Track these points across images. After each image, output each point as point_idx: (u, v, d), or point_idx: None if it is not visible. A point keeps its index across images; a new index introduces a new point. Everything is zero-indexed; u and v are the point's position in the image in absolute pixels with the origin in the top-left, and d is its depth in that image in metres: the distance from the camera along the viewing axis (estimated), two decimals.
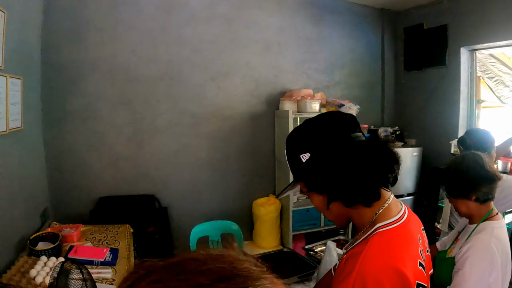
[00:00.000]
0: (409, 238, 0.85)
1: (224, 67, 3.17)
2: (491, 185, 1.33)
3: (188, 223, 2.86)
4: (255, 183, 3.40)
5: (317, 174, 0.87)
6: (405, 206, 0.92)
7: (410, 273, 0.77)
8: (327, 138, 0.86)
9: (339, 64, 3.79)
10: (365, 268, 0.76)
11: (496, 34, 3.15)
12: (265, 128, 3.43)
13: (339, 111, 0.95)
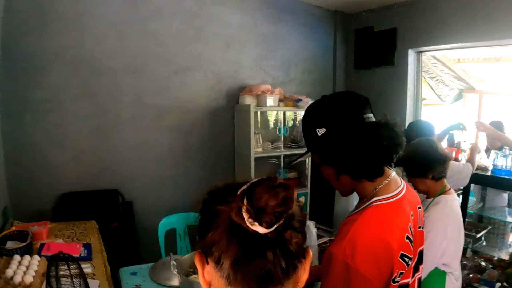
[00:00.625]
0: (400, 213, 1.03)
1: (187, 61, 3.47)
2: (444, 165, 1.80)
3: (153, 217, 3.13)
4: (216, 175, 3.76)
5: (330, 148, 1.04)
6: (404, 184, 1.11)
7: (395, 244, 0.96)
8: (343, 116, 1.03)
9: (294, 61, 4.28)
10: (357, 234, 0.95)
11: (440, 38, 3.84)
12: (225, 122, 3.79)
13: (354, 92, 1.13)
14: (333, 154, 1.05)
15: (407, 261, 1.01)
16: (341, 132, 1.02)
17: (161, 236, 2.72)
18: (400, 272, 1.00)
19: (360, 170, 1.04)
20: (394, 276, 0.98)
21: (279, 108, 3.77)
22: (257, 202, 0.54)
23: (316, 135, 1.05)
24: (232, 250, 0.56)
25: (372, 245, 0.95)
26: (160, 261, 2.12)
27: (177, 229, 2.85)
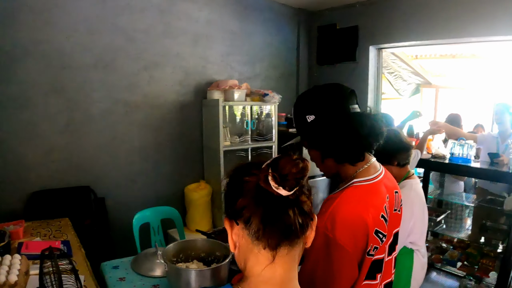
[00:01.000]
0: (377, 194, 1.18)
1: (156, 57, 3.67)
2: (408, 153, 2.05)
3: (125, 212, 3.34)
4: (185, 170, 4.00)
5: (318, 134, 1.21)
6: (383, 170, 1.28)
7: (370, 220, 1.10)
8: (330, 106, 1.20)
9: (259, 57, 4.58)
10: (336, 210, 1.10)
11: (400, 35, 4.28)
12: (193, 116, 4.03)
13: (342, 84, 1.30)
14: (320, 139, 1.22)
15: (381, 237, 1.16)
16: (328, 120, 1.19)
17: (136, 230, 2.84)
18: (374, 246, 1.15)
19: (343, 154, 1.20)
20: (369, 249, 1.13)
21: (247, 103, 4.05)
22: (282, 170, 0.72)
23: (306, 121, 1.22)
24: (260, 210, 0.73)
25: (350, 220, 1.09)
26: (142, 253, 2.22)
27: (151, 223, 2.99)
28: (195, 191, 3.83)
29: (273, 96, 4.10)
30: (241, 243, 0.79)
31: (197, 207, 3.83)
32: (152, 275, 2.03)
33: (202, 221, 3.87)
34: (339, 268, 1.12)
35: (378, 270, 1.23)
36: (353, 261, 1.12)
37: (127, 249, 2.79)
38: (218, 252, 1.97)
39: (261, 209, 0.72)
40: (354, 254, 1.11)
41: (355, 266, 1.13)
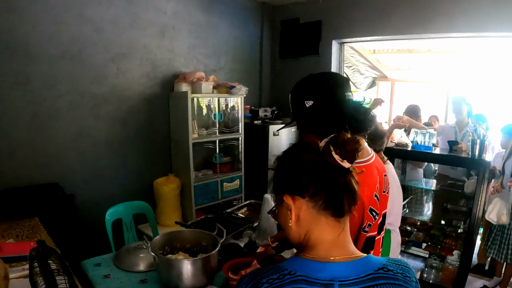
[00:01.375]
0: (370, 175, 1.31)
1: (123, 48, 3.74)
2: (382, 139, 2.31)
3: (95, 209, 3.41)
4: (153, 163, 4.11)
5: (316, 118, 1.32)
6: (374, 154, 1.41)
7: (365, 199, 1.23)
8: (328, 92, 1.32)
9: (224, 50, 4.77)
10: None
11: (362, 31, 4.62)
12: (160, 109, 4.15)
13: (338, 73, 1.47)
14: (318, 123, 1.33)
15: (374, 215, 1.30)
16: (326, 105, 1.32)
17: (109, 227, 2.84)
18: (368, 223, 1.29)
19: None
20: (364, 226, 1.28)
21: (215, 95, 4.23)
22: (344, 146, 0.85)
23: (304, 106, 1.34)
24: (327, 182, 0.86)
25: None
26: (123, 249, 2.23)
27: (123, 218, 2.98)
28: (165, 185, 3.95)
29: (240, 88, 4.31)
30: (303, 216, 0.89)
31: (167, 200, 3.96)
32: (137, 270, 2.05)
33: (173, 215, 4.00)
34: None
35: (371, 247, 1.38)
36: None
37: (100, 246, 2.81)
38: (203, 242, 2.05)
39: (328, 181, 0.86)
40: (351, 231, 1.24)
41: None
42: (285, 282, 0.84)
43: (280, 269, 0.87)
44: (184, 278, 1.77)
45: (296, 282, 0.84)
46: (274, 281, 0.85)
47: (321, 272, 0.85)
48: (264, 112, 4.99)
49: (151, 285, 1.92)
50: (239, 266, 1.95)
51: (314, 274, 0.85)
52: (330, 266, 0.86)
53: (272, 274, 0.86)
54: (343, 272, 0.86)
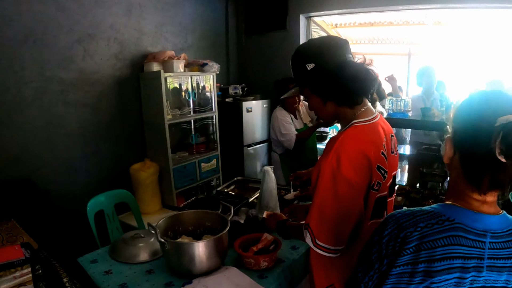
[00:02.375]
0: (375, 133, 1.35)
1: (89, 28, 3.50)
2: (383, 101, 2.42)
3: (72, 203, 3.28)
4: (128, 149, 3.95)
5: (318, 80, 1.37)
6: (378, 114, 1.44)
7: (372, 156, 1.27)
8: (328, 54, 1.35)
9: (191, 28, 4.61)
10: (340, 148, 1.27)
11: (328, 4, 4.61)
12: (131, 91, 3.96)
13: (336, 36, 1.44)
14: (321, 84, 1.38)
15: (383, 173, 1.33)
16: (327, 66, 1.34)
17: (91, 220, 2.70)
18: (377, 182, 1.32)
19: (343, 97, 1.37)
20: (373, 184, 1.31)
21: (188, 73, 4.09)
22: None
23: (306, 70, 1.38)
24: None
25: (353, 156, 1.26)
26: (118, 240, 2.10)
27: (105, 210, 2.85)
28: (142, 170, 3.80)
29: (212, 65, 4.19)
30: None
31: (145, 187, 3.82)
32: (139, 261, 1.93)
33: (152, 201, 3.88)
34: (347, 203, 1.27)
35: (383, 207, 1.42)
36: (359, 195, 1.29)
37: (84, 241, 2.69)
38: (208, 222, 1.99)
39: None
40: (360, 188, 1.28)
41: (361, 200, 1.30)
42: (445, 228, 0.88)
43: (437, 215, 0.91)
44: (198, 262, 1.70)
45: (455, 229, 0.88)
46: (434, 226, 0.89)
47: (476, 223, 0.90)
48: (234, 90, 4.91)
49: (159, 274, 1.81)
50: (249, 242, 1.94)
51: (470, 224, 0.89)
52: (484, 217, 0.91)
53: (430, 219, 0.90)
54: (494, 225, 0.90)
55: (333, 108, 1.42)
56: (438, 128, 3.90)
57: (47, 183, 3.26)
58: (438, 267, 0.87)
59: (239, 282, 1.69)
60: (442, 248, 0.87)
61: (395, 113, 3.81)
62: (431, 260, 0.87)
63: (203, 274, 1.73)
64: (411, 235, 0.89)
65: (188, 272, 1.72)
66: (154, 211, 3.88)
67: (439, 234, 0.88)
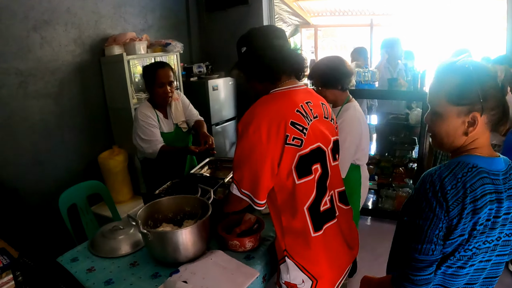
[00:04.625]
0: (290, 95, 1.55)
1: (45, 14, 3.37)
2: (350, 78, 2.42)
3: (42, 200, 3.25)
4: (95, 138, 3.90)
5: (248, 62, 1.62)
6: (303, 85, 1.65)
7: (283, 113, 1.46)
8: (258, 38, 1.60)
9: (150, 7, 4.52)
10: (251, 110, 1.51)
11: None
12: (93, 77, 3.88)
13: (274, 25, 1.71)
14: (250, 67, 1.63)
15: (300, 129, 1.48)
16: (255, 49, 1.59)
17: (65, 215, 2.64)
18: (293, 137, 1.46)
19: (263, 74, 1.60)
20: (287, 138, 1.45)
21: (150, 55, 4.04)
22: None
23: (241, 52, 1.65)
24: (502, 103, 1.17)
25: (262, 114, 1.47)
26: (97, 235, 2.04)
27: (77, 203, 2.79)
28: (110, 158, 3.76)
29: (176, 45, 4.16)
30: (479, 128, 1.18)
31: (115, 175, 3.80)
32: (122, 254, 1.89)
33: (123, 190, 3.88)
34: (258, 163, 1.46)
35: (310, 162, 1.53)
36: (268, 152, 1.45)
37: (59, 238, 2.69)
38: (187, 207, 1.98)
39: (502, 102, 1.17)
40: (270, 147, 1.45)
41: (272, 159, 1.46)
42: (475, 173, 1.14)
43: (464, 164, 1.16)
44: (183, 250, 1.70)
45: (481, 173, 1.15)
46: (467, 173, 1.14)
47: (492, 165, 1.18)
48: (199, 68, 4.89)
49: (144, 266, 1.80)
50: (231, 224, 1.98)
51: (489, 167, 1.17)
52: (495, 160, 1.20)
53: (462, 169, 1.15)
54: (499, 165, 1.20)
55: (257, 85, 1.66)
56: (404, 97, 4.09)
57: (13, 182, 3.17)
58: (480, 204, 1.12)
59: (226, 265, 1.74)
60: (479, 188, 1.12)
61: (362, 84, 3.91)
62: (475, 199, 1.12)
63: (189, 261, 1.75)
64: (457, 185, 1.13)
65: (174, 261, 1.73)
66: (126, 199, 3.89)
67: (473, 179, 1.13)
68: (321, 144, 1.57)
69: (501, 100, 1.16)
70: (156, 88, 2.70)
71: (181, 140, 2.95)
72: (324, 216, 1.60)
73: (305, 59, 1.67)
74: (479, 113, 1.14)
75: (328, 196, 1.62)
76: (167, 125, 2.85)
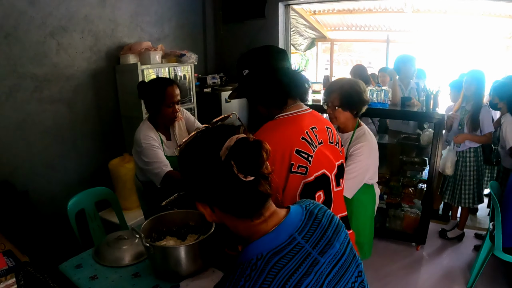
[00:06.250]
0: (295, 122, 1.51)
1: (62, 21, 3.46)
2: (365, 106, 2.43)
3: (52, 203, 3.31)
4: (106, 144, 3.95)
5: (251, 85, 1.56)
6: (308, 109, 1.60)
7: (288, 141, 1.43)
8: (261, 61, 1.55)
9: (167, 17, 4.59)
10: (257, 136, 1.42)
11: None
12: (107, 85, 3.95)
13: (275, 46, 1.67)
14: (254, 90, 1.58)
15: (306, 157, 1.47)
16: (259, 72, 1.54)
17: (72, 220, 2.66)
18: (298, 165, 1.45)
19: (269, 100, 1.57)
20: (292, 166, 1.44)
21: (165, 65, 4.10)
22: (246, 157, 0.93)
23: (242, 75, 1.58)
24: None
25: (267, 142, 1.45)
26: (102, 243, 2.06)
27: (86, 208, 2.80)
28: (121, 166, 3.81)
29: (190, 56, 4.21)
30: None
31: (124, 182, 3.83)
32: (125, 263, 1.92)
33: (131, 197, 3.89)
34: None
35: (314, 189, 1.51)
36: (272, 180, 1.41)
37: (66, 242, 2.70)
38: (191, 222, 2.00)
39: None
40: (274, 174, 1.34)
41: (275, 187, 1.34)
42: (261, 268, 0.86)
43: (247, 263, 0.87)
44: (184, 265, 1.72)
45: (269, 261, 0.87)
46: (251, 274, 0.85)
47: (280, 236, 0.92)
48: (213, 79, 4.94)
49: (145, 277, 1.82)
50: (235, 241, 1.94)
51: (276, 243, 0.91)
52: (282, 226, 0.95)
53: (244, 271, 0.85)
54: (295, 223, 0.97)
55: (264, 110, 1.61)
56: (417, 118, 4.04)
57: (25, 185, 3.24)
58: None
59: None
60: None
61: (375, 103, 3.89)
62: None
63: (190, 276, 1.76)
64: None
65: (175, 275, 1.74)
66: (134, 206, 3.90)
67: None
68: (325, 170, 1.56)
69: None
70: (164, 108, 2.47)
71: None
72: None
73: (308, 80, 1.64)
74: None
75: None
76: (170, 148, 2.63)
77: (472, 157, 3.91)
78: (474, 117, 3.82)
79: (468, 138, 3.86)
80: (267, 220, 0.95)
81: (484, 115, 3.81)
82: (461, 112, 3.98)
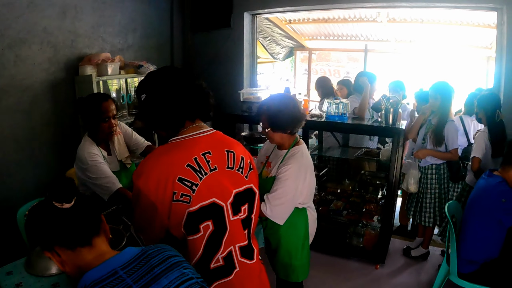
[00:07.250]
0: (185, 147, 1.58)
1: (21, 33, 3.83)
2: (301, 123, 2.47)
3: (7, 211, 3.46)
4: (65, 154, 4.30)
5: (148, 110, 1.65)
6: (211, 131, 1.68)
7: (170, 169, 1.51)
8: (158, 84, 1.63)
9: (132, 27, 5.00)
10: (143, 163, 1.58)
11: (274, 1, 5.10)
12: (66, 95, 4.30)
13: (173, 66, 1.76)
14: (148, 113, 1.68)
15: (189, 185, 1.53)
16: (153, 96, 1.63)
17: (21, 228, 2.85)
18: (181, 193, 1.52)
19: (164, 124, 1.67)
20: (175, 195, 1.52)
21: (121, 76, 4.48)
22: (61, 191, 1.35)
23: (141, 100, 1.67)
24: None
25: (151, 169, 1.53)
26: (34, 253, 2.18)
27: None
28: None
29: (148, 67, 4.58)
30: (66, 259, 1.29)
31: None
32: (51, 274, 2.07)
33: None
34: (147, 214, 1.56)
35: (199, 220, 1.58)
36: (157, 208, 1.53)
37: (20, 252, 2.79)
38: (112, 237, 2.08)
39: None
40: (158, 201, 1.52)
41: (160, 213, 1.54)
42: None
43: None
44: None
45: None
46: None
47: (104, 270, 1.20)
48: None
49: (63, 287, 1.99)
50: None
51: (98, 275, 1.18)
52: (108, 262, 1.22)
53: None
54: (121, 261, 1.23)
55: (163, 133, 1.72)
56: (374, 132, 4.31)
57: None
58: None
59: None
60: None
61: (332, 116, 4.10)
62: None
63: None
64: None
65: None
66: None
67: None
68: (216, 199, 1.60)
69: None
70: (101, 123, 2.72)
71: (128, 179, 2.98)
72: (215, 274, 1.66)
73: (211, 96, 1.72)
74: None
75: (222, 253, 1.65)
76: (111, 163, 2.87)
77: (434, 174, 4.01)
78: (438, 131, 3.89)
79: (430, 154, 3.95)
80: (95, 259, 1.24)
81: (449, 129, 3.87)
82: (426, 126, 4.08)
